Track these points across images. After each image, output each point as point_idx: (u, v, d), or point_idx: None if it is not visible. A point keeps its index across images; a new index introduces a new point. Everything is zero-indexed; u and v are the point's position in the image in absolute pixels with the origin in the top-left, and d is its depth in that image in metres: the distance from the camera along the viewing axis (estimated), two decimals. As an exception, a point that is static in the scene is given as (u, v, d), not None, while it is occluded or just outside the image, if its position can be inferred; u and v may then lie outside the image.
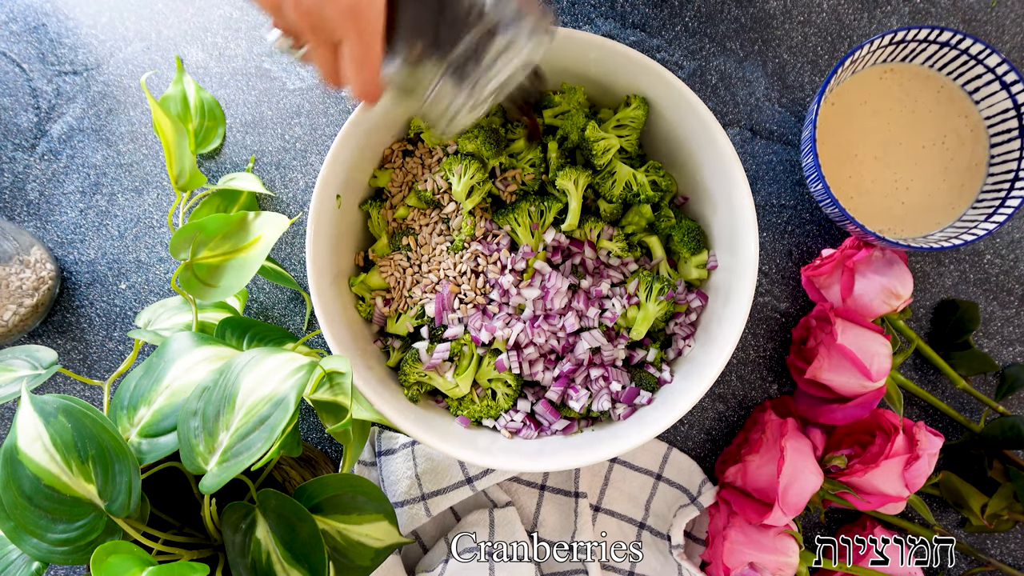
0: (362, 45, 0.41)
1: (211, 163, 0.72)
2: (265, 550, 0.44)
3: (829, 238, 0.71)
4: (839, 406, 0.63)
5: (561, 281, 0.58)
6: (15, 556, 0.46)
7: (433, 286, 0.60)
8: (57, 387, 0.69)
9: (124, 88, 0.72)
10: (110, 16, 0.72)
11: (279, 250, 0.71)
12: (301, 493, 0.47)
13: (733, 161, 0.56)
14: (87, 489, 0.41)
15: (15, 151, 0.71)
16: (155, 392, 0.46)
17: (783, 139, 0.71)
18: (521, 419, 0.59)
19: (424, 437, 0.54)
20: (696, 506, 0.66)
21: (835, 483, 0.62)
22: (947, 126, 0.65)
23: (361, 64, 0.42)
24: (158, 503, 0.49)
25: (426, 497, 0.64)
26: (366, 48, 0.41)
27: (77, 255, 0.70)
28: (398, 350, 0.62)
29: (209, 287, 0.51)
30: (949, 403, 0.70)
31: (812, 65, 0.72)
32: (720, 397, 0.70)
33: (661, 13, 0.72)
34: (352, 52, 0.41)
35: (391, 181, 0.63)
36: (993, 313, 0.70)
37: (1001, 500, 0.64)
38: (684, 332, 0.61)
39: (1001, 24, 0.71)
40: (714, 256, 0.61)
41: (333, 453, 0.69)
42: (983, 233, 0.59)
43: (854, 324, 0.63)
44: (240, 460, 0.40)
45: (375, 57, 0.42)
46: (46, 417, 0.41)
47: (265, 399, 0.42)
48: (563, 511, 0.67)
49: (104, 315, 0.70)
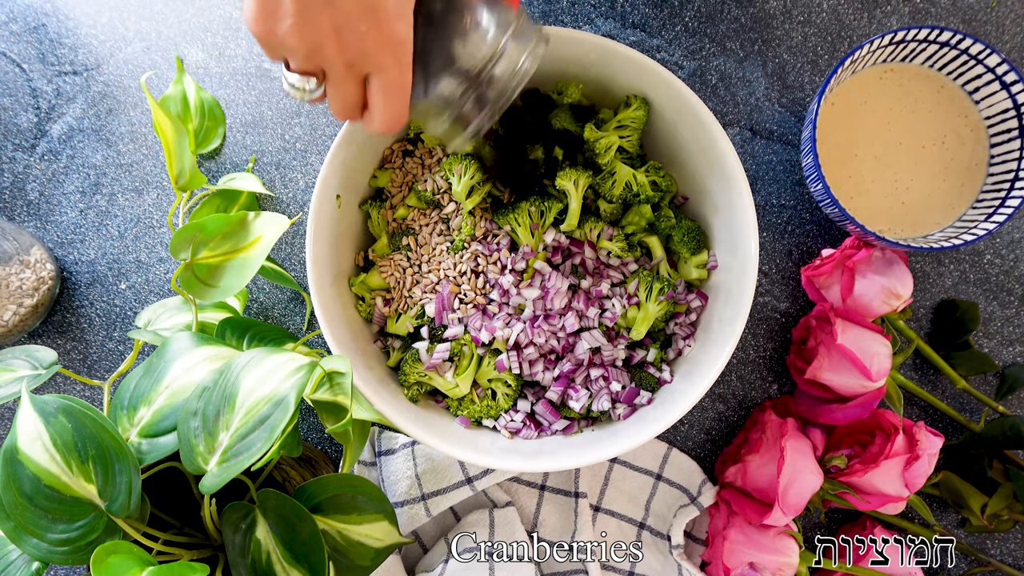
0: (398, 73, 0.42)
1: (211, 163, 0.72)
2: (265, 550, 0.44)
3: (829, 238, 0.71)
4: (839, 406, 0.63)
5: (561, 281, 0.58)
6: (15, 556, 0.46)
7: (433, 286, 0.60)
8: (57, 387, 0.69)
9: (124, 88, 0.72)
10: (110, 16, 0.72)
11: (279, 250, 0.71)
12: (301, 493, 0.47)
13: (733, 161, 0.56)
14: (87, 489, 0.41)
15: (15, 151, 0.71)
16: (155, 392, 0.46)
17: (783, 139, 0.71)
18: (521, 419, 0.59)
19: (424, 437, 0.54)
20: (696, 506, 0.66)
21: (835, 483, 0.62)
22: (947, 126, 0.65)
23: (396, 93, 0.42)
24: (158, 503, 0.49)
25: (426, 497, 0.64)
26: (402, 76, 0.42)
27: (77, 255, 0.70)
28: (398, 350, 0.62)
29: (209, 287, 0.51)
30: (949, 403, 0.70)
31: (812, 65, 0.72)
32: (720, 397, 0.70)
33: (661, 13, 0.72)
34: (388, 82, 0.42)
35: (391, 181, 0.63)
36: (993, 313, 0.70)
37: (1001, 500, 0.64)
38: (684, 332, 0.61)
39: (1001, 24, 0.71)
40: (714, 256, 0.61)
41: (333, 453, 0.69)
42: (983, 233, 0.59)
43: (854, 324, 0.63)
44: (240, 460, 0.40)
45: (408, 84, 0.43)
46: (46, 417, 0.41)
47: (265, 399, 0.42)
48: (563, 511, 0.67)
49: (104, 315, 0.70)
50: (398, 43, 0.40)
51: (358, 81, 0.42)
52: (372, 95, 0.43)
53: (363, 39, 0.40)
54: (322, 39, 0.40)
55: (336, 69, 0.41)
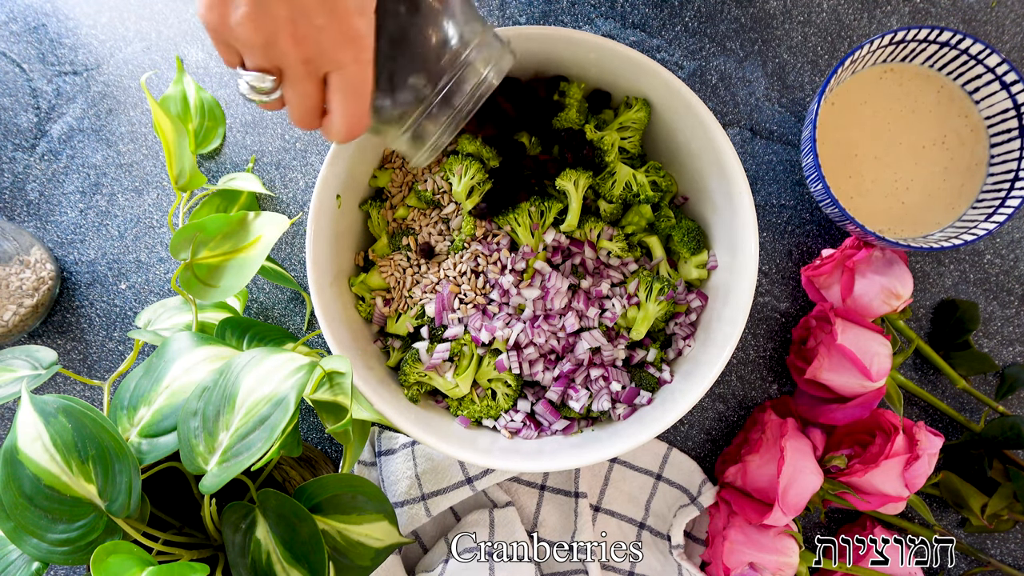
0: (358, 71, 0.40)
1: (211, 163, 0.72)
2: (265, 550, 0.44)
3: (829, 238, 0.71)
4: (839, 406, 0.63)
5: (561, 281, 0.58)
6: (15, 556, 0.46)
7: (433, 286, 0.60)
8: (57, 387, 0.69)
9: (124, 88, 0.72)
10: (110, 16, 0.72)
11: (279, 250, 0.71)
12: (301, 493, 0.47)
13: (733, 161, 0.56)
14: (87, 489, 0.41)
15: (15, 151, 0.71)
16: (155, 392, 0.46)
17: (783, 139, 0.71)
18: (521, 419, 0.59)
19: (424, 437, 0.54)
20: (696, 506, 0.66)
21: (835, 483, 0.62)
22: (947, 126, 0.65)
23: (355, 93, 0.41)
24: (158, 503, 0.49)
25: (426, 497, 0.64)
26: (362, 74, 0.40)
27: (77, 255, 0.70)
28: (398, 350, 0.62)
29: (209, 287, 0.51)
30: (949, 403, 0.70)
31: (812, 65, 0.72)
32: (720, 397, 0.70)
33: (661, 13, 0.72)
34: (346, 81, 0.40)
35: (391, 181, 0.63)
36: (993, 313, 0.70)
37: (1001, 500, 0.64)
38: (684, 332, 0.61)
39: (1001, 24, 0.71)
40: (714, 256, 0.61)
41: (333, 453, 0.69)
42: (983, 233, 0.59)
43: (854, 324, 0.63)
44: (240, 460, 0.40)
45: (368, 84, 0.41)
46: (46, 417, 0.41)
47: (265, 399, 0.42)
48: (563, 511, 0.67)
49: (104, 315, 0.70)
50: (357, 39, 0.39)
51: (316, 81, 0.41)
52: (331, 96, 0.41)
53: (320, 32, 0.38)
54: (277, 30, 0.38)
55: (293, 66, 0.39)
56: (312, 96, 0.41)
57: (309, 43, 0.38)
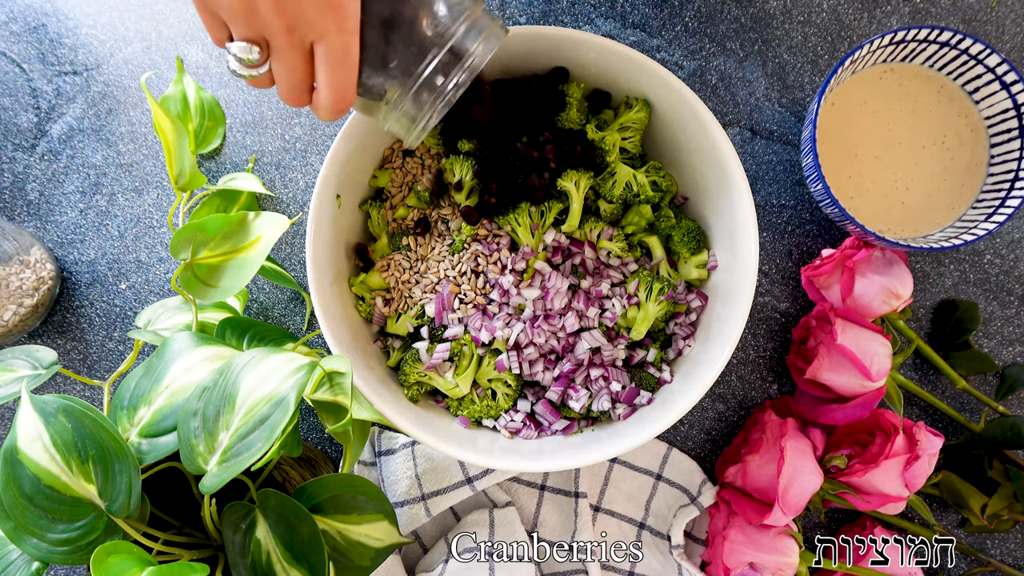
0: (342, 41, 0.40)
1: (211, 163, 0.72)
2: (265, 550, 0.44)
3: (829, 238, 0.71)
4: (839, 406, 0.63)
5: (561, 281, 0.58)
6: (15, 556, 0.46)
7: (433, 286, 0.60)
8: (57, 387, 0.69)
9: (124, 88, 0.72)
10: (110, 16, 0.72)
11: (279, 250, 0.71)
12: (301, 493, 0.47)
13: (733, 161, 0.56)
14: (87, 489, 0.41)
15: (15, 151, 0.71)
16: (155, 392, 0.46)
17: (783, 139, 0.71)
18: (521, 419, 0.59)
19: (424, 437, 0.54)
20: (696, 506, 0.66)
21: (835, 483, 0.62)
22: (947, 126, 0.65)
23: (339, 63, 0.41)
24: (158, 503, 0.49)
25: (426, 497, 0.64)
26: (346, 44, 0.40)
27: (77, 255, 0.70)
28: (398, 350, 0.62)
29: (209, 287, 0.51)
30: (949, 403, 0.70)
31: (812, 65, 0.72)
32: (720, 397, 0.70)
33: (661, 13, 0.72)
34: (330, 50, 0.40)
35: (391, 181, 0.63)
36: (993, 313, 0.70)
37: (1001, 500, 0.64)
38: (684, 332, 0.61)
39: (1001, 24, 0.71)
40: (714, 256, 0.61)
41: (333, 453, 0.69)
42: (983, 233, 0.59)
43: (854, 324, 0.63)
44: (240, 460, 0.40)
45: (354, 55, 0.41)
46: (46, 417, 0.41)
47: (265, 399, 0.42)
48: (563, 511, 0.67)
49: (104, 315, 0.70)
50: (340, 7, 0.39)
51: (303, 53, 0.40)
52: (317, 67, 0.41)
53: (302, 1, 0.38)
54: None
55: (277, 35, 0.39)
56: (299, 69, 0.41)
57: (291, 11, 0.38)
